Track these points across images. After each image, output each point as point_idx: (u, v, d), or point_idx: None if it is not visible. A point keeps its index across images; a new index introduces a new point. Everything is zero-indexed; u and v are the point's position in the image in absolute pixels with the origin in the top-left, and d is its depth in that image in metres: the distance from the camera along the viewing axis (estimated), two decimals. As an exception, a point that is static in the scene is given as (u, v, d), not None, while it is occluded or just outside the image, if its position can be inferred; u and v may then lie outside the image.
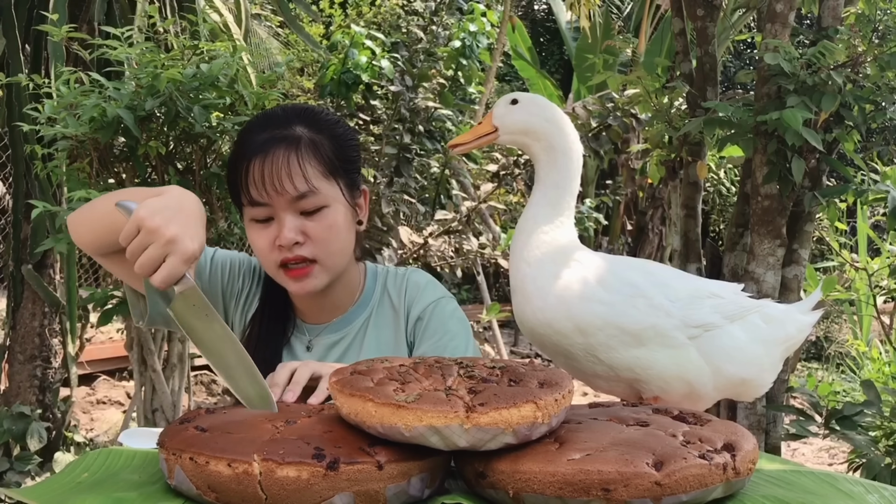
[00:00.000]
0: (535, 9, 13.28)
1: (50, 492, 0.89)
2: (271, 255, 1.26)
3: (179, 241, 1.03)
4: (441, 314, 1.37)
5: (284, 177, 1.22)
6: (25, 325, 3.65)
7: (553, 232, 1.37)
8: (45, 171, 2.71)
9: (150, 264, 1.03)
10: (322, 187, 1.26)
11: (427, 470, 0.88)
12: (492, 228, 5.13)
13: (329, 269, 1.29)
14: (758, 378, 1.36)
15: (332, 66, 5.72)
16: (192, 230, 1.05)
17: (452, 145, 1.46)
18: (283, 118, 1.29)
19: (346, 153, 1.31)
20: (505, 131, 1.41)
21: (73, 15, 3.36)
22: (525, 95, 1.43)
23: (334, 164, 1.28)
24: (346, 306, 1.39)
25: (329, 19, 7.28)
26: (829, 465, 4.62)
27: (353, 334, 1.38)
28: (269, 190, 1.23)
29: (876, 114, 2.66)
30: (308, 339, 1.39)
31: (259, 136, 1.26)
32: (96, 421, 4.59)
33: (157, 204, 1.05)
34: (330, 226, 1.27)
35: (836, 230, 4.14)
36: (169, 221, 1.03)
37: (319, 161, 1.26)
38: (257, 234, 1.27)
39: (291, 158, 1.24)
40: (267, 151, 1.24)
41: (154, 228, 1.02)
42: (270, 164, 1.23)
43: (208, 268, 1.39)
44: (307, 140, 1.26)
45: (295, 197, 1.23)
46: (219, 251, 1.42)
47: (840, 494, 0.91)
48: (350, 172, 1.32)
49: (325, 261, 1.28)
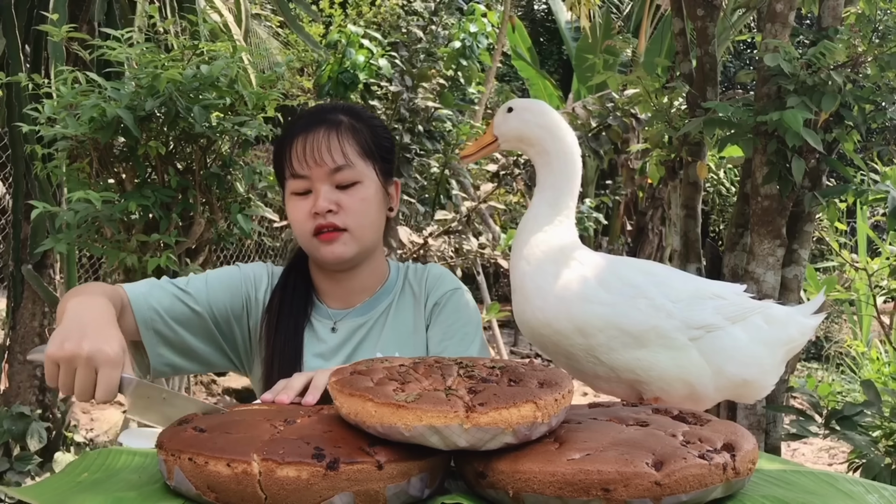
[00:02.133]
0: (535, 9, 13.27)
1: (50, 492, 0.89)
2: (307, 224, 1.36)
3: (97, 352, 1.05)
4: (457, 302, 1.46)
5: (324, 150, 1.34)
6: (25, 325, 3.65)
7: (553, 232, 1.38)
8: (45, 171, 2.71)
9: (86, 387, 1.06)
10: (358, 163, 1.37)
11: (427, 470, 0.88)
12: (492, 228, 5.13)
13: (358, 239, 1.38)
14: (759, 379, 1.36)
15: (329, 65, 5.72)
16: (103, 336, 1.08)
17: (463, 157, 1.53)
18: (329, 107, 1.43)
19: (382, 143, 1.43)
20: (503, 139, 1.45)
21: (73, 15, 3.36)
22: (519, 102, 1.45)
23: (371, 147, 1.40)
24: (372, 291, 1.46)
25: (329, 19, 7.27)
26: (829, 465, 4.62)
27: (376, 318, 1.45)
28: (309, 162, 1.34)
29: (876, 114, 2.66)
30: (333, 322, 1.44)
31: (305, 119, 1.40)
32: (96, 421, 4.59)
33: (60, 333, 1.08)
34: (362, 199, 1.37)
35: (836, 230, 4.13)
36: (79, 341, 1.06)
37: (357, 142, 1.38)
38: (295, 206, 1.37)
39: (332, 135, 1.36)
40: (309, 130, 1.37)
41: (69, 356, 1.05)
42: (313, 139, 1.35)
43: (205, 294, 1.42)
44: (347, 124, 1.39)
45: (332, 169, 1.35)
46: (211, 275, 1.46)
47: (840, 494, 0.91)
48: (385, 161, 1.43)
49: (355, 231, 1.37)
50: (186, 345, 1.38)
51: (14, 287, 3.63)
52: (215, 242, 2.85)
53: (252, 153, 2.94)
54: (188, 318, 1.38)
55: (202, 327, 1.40)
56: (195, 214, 2.69)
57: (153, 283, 1.40)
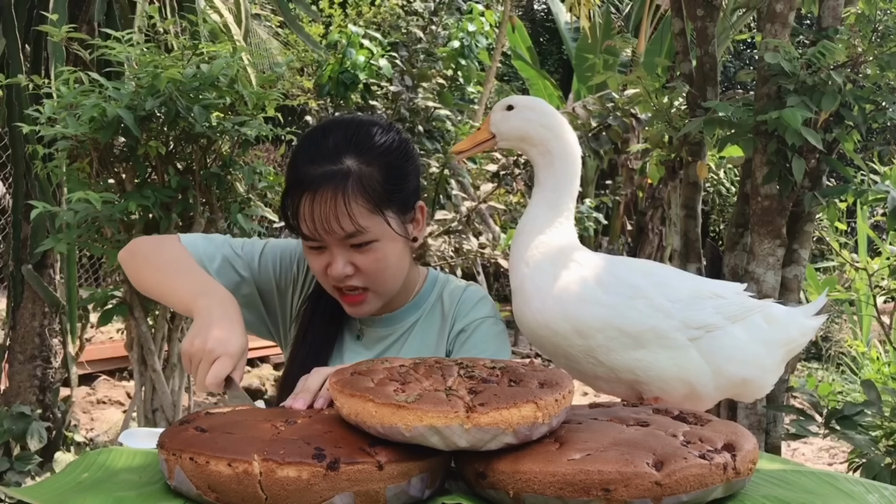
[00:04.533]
0: (535, 9, 13.27)
1: (50, 492, 0.89)
2: (326, 280, 1.33)
3: (219, 345, 1.16)
4: (486, 333, 1.39)
5: (332, 218, 1.25)
6: (25, 325, 3.65)
7: (553, 233, 1.37)
8: (45, 171, 2.71)
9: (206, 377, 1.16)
10: (369, 225, 1.28)
11: (427, 470, 0.88)
12: (492, 228, 5.13)
13: (381, 294, 1.35)
14: (759, 379, 1.36)
15: (329, 66, 5.71)
16: (229, 333, 1.18)
17: (455, 152, 1.48)
18: (333, 150, 1.29)
19: (397, 182, 1.32)
20: (502, 138, 1.41)
21: (73, 15, 3.36)
22: (520, 100, 1.41)
23: (382, 197, 1.29)
24: (400, 304, 1.43)
25: (329, 19, 7.27)
26: (829, 465, 4.62)
27: (401, 333, 1.42)
28: (319, 230, 1.27)
29: (876, 114, 2.66)
30: (359, 327, 1.43)
31: (309, 169, 1.28)
32: (96, 421, 4.59)
33: (193, 331, 1.20)
34: (378, 259, 1.30)
35: (836, 230, 4.13)
36: (205, 339, 1.17)
37: (367, 199, 1.27)
38: (313, 258, 1.33)
39: (339, 199, 1.25)
40: (316, 190, 1.26)
41: (197, 351, 1.16)
42: (320, 204, 1.25)
43: (257, 263, 1.43)
44: (355, 176, 1.27)
45: (344, 236, 1.27)
46: (269, 245, 1.46)
47: (840, 494, 0.91)
48: (402, 199, 1.33)
49: (376, 289, 1.33)
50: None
51: (14, 287, 3.63)
52: (215, 242, 2.84)
53: (252, 153, 2.94)
54: (234, 283, 1.38)
55: (247, 293, 1.40)
56: (195, 214, 2.69)
57: (210, 238, 1.42)
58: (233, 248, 1.41)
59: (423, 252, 4.30)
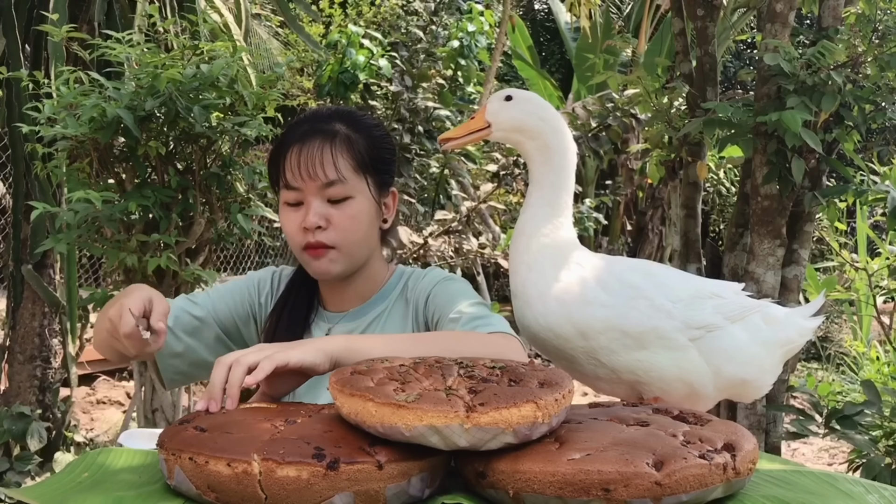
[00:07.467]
0: (535, 9, 13.27)
1: (50, 492, 0.89)
2: (297, 237, 1.37)
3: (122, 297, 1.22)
4: (446, 287, 1.41)
5: (317, 164, 1.34)
6: (25, 325, 3.64)
7: (552, 234, 1.37)
8: (45, 171, 2.71)
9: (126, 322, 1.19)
10: (350, 178, 1.35)
11: (427, 470, 0.88)
12: (492, 228, 5.13)
13: (346, 256, 1.38)
14: (758, 379, 1.36)
15: (329, 66, 5.71)
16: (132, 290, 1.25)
17: (444, 139, 1.46)
18: (326, 115, 1.41)
19: (379, 153, 1.41)
20: (498, 128, 1.40)
21: (73, 15, 3.36)
22: (519, 92, 1.41)
23: (365, 160, 1.38)
24: (366, 297, 1.46)
25: (329, 19, 7.27)
26: (829, 465, 4.62)
27: (365, 326, 1.44)
28: (302, 175, 1.34)
29: (876, 114, 2.66)
30: (328, 326, 1.45)
31: (301, 127, 1.39)
32: (96, 421, 4.59)
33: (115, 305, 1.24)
34: (352, 216, 1.36)
35: (836, 230, 4.13)
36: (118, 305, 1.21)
37: (352, 155, 1.36)
38: (288, 217, 1.38)
39: (325, 148, 1.35)
40: (305, 141, 1.36)
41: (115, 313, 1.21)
42: (307, 151, 1.34)
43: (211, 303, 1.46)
44: (343, 135, 1.37)
45: (324, 183, 1.34)
46: (221, 286, 1.53)
47: (840, 494, 0.91)
48: (381, 172, 1.41)
49: (343, 248, 1.36)
50: (196, 354, 1.41)
51: (14, 287, 3.63)
52: (215, 242, 2.84)
53: (252, 153, 2.94)
54: (194, 328, 1.41)
55: (210, 335, 1.43)
56: (195, 214, 2.69)
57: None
58: (187, 299, 1.46)
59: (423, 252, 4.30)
